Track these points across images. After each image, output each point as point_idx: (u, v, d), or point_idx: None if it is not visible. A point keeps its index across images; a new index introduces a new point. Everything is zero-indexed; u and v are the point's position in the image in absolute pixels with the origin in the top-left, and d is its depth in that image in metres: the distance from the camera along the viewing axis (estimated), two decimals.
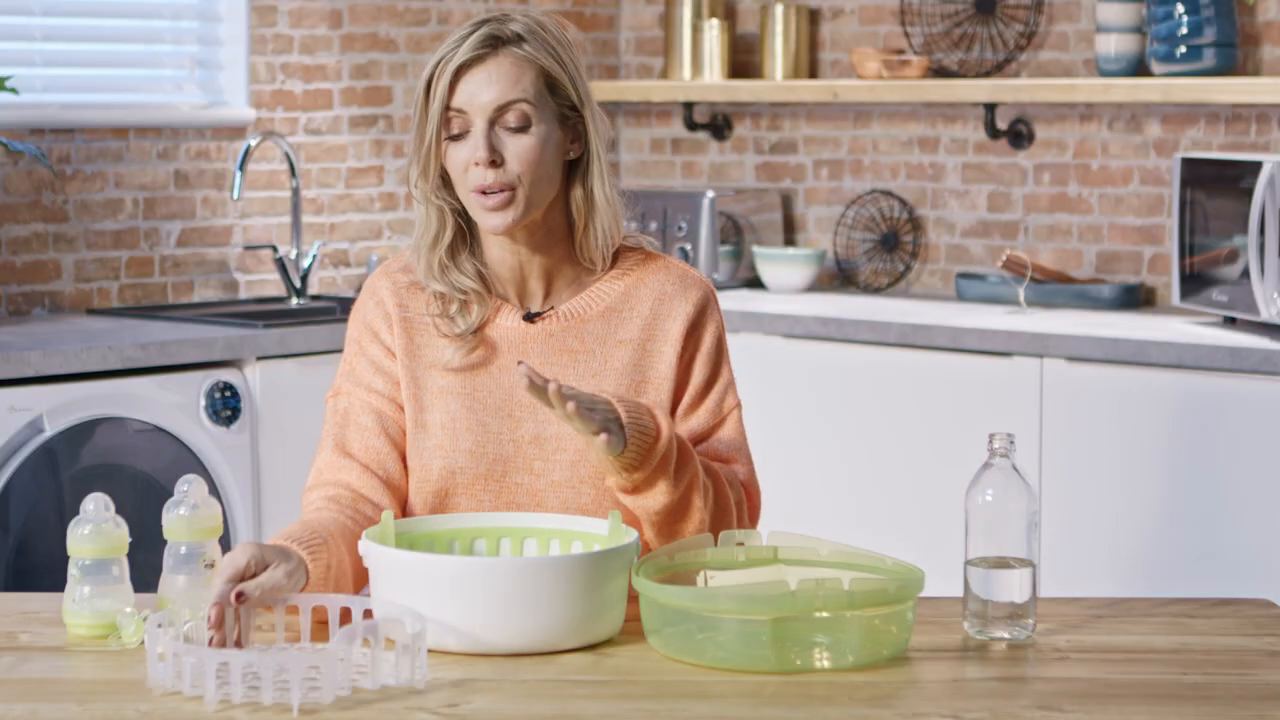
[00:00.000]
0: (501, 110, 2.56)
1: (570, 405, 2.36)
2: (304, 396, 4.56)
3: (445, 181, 2.63)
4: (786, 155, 5.66)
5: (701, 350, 2.67)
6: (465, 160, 2.57)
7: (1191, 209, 4.58)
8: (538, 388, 2.36)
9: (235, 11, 5.19)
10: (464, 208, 2.63)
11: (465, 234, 2.65)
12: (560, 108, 2.60)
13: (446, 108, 2.57)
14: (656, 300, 2.66)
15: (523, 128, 2.56)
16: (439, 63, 2.58)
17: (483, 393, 2.62)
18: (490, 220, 2.57)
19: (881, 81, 5.28)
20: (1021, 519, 2.35)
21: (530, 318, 2.65)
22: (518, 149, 2.56)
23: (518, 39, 2.58)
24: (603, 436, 2.39)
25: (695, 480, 2.52)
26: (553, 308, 2.65)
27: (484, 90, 2.56)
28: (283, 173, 5.27)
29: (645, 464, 2.46)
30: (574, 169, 2.64)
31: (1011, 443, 2.37)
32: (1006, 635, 2.37)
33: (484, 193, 2.56)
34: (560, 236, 2.65)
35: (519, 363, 2.37)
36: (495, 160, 2.55)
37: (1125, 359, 4.40)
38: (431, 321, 2.64)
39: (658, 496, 2.49)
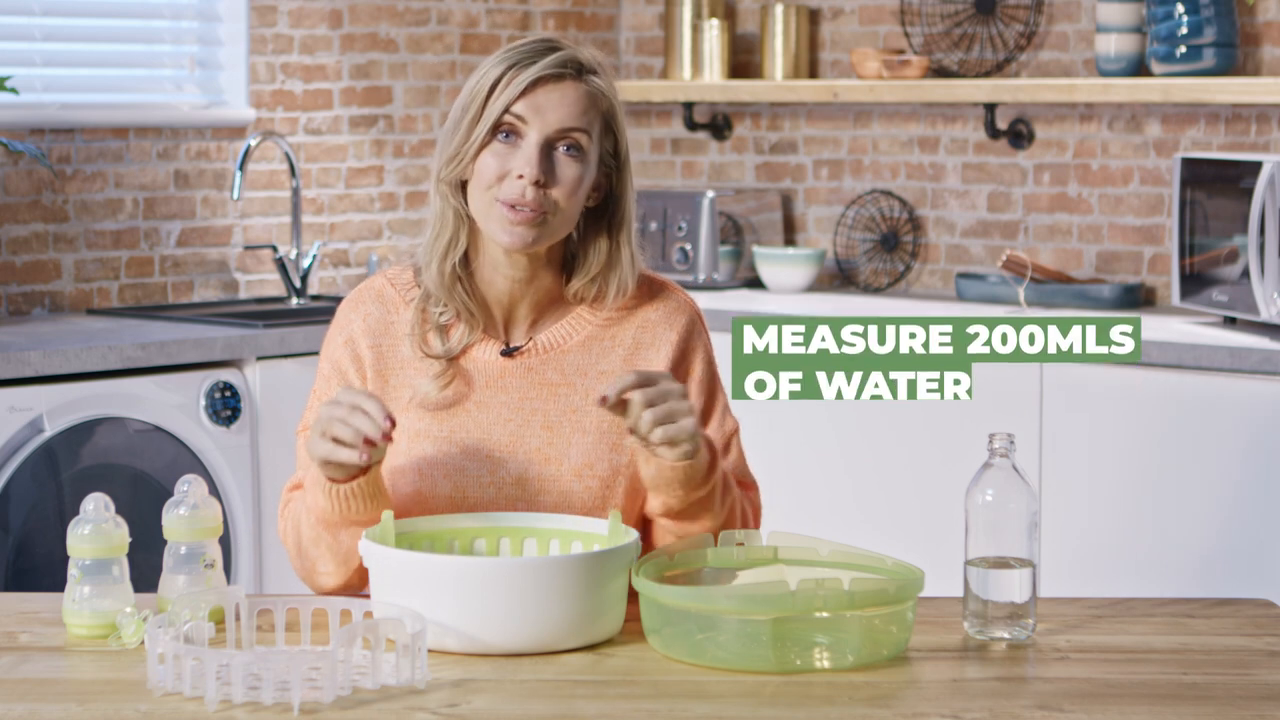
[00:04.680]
0: (563, 134, 2.49)
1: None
2: (304, 397, 4.54)
3: (460, 187, 2.55)
4: (786, 155, 5.66)
5: (693, 377, 2.61)
6: (505, 169, 2.49)
7: (1191, 209, 4.58)
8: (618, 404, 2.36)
9: (235, 11, 5.19)
10: (469, 218, 2.55)
11: (465, 251, 2.57)
12: (604, 152, 2.54)
13: (506, 109, 2.48)
14: (639, 328, 2.60)
15: (576, 157, 2.50)
16: (513, 66, 2.49)
17: (460, 434, 2.54)
18: (511, 233, 2.49)
19: (881, 81, 5.27)
20: (1021, 519, 2.35)
21: (509, 352, 2.57)
22: (565, 177, 2.49)
23: (593, 71, 2.52)
24: (682, 447, 2.39)
25: (735, 507, 2.52)
26: (531, 339, 2.59)
27: (555, 108, 2.48)
28: (283, 173, 5.27)
29: (707, 481, 2.45)
30: (594, 217, 2.58)
31: (1011, 443, 2.37)
32: (1006, 635, 2.37)
33: (514, 207, 2.48)
34: (555, 272, 2.59)
35: (601, 400, 2.36)
36: (542, 181, 2.47)
37: (1125, 359, 4.39)
38: (411, 342, 2.56)
39: (704, 521, 2.48)
